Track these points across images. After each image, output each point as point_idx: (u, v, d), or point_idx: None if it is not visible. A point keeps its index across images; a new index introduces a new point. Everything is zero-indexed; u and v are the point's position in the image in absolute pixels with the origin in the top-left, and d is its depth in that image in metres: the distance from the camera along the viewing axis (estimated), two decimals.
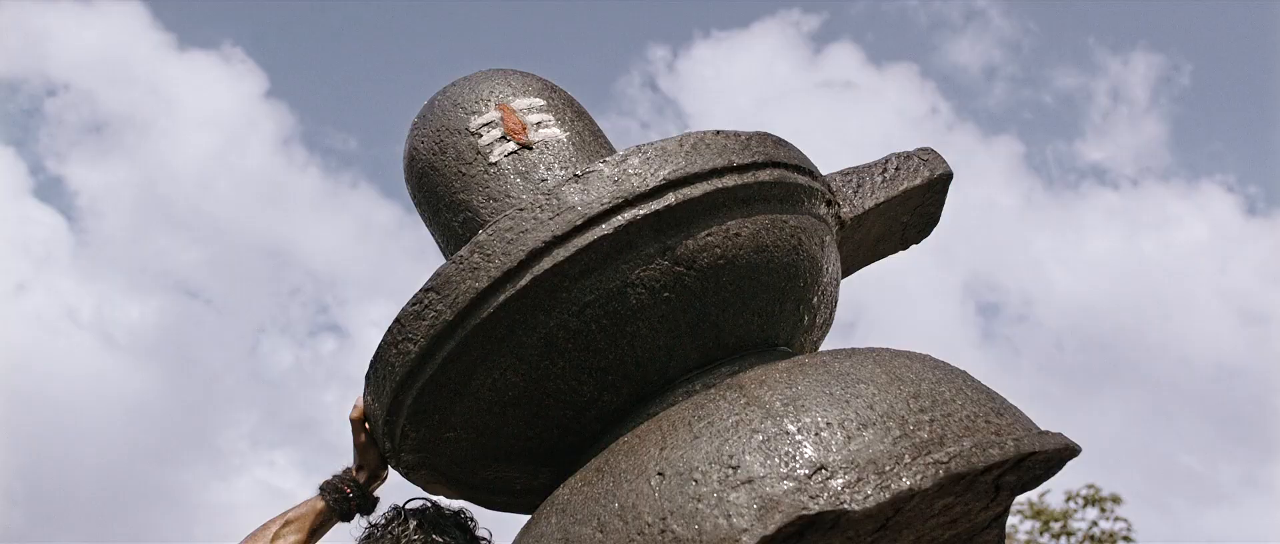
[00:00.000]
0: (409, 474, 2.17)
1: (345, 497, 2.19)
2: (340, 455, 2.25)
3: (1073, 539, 16.08)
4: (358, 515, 2.21)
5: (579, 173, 1.93)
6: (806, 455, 1.70)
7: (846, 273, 2.46)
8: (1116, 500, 16.06)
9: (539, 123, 2.27)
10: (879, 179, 2.37)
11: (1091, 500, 16.13)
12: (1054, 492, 16.61)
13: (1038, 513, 16.27)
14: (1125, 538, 15.92)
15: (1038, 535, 16.24)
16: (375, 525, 2.09)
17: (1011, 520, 16.67)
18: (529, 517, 2.01)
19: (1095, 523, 16.10)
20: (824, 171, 2.30)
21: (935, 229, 2.55)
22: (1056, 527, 16.12)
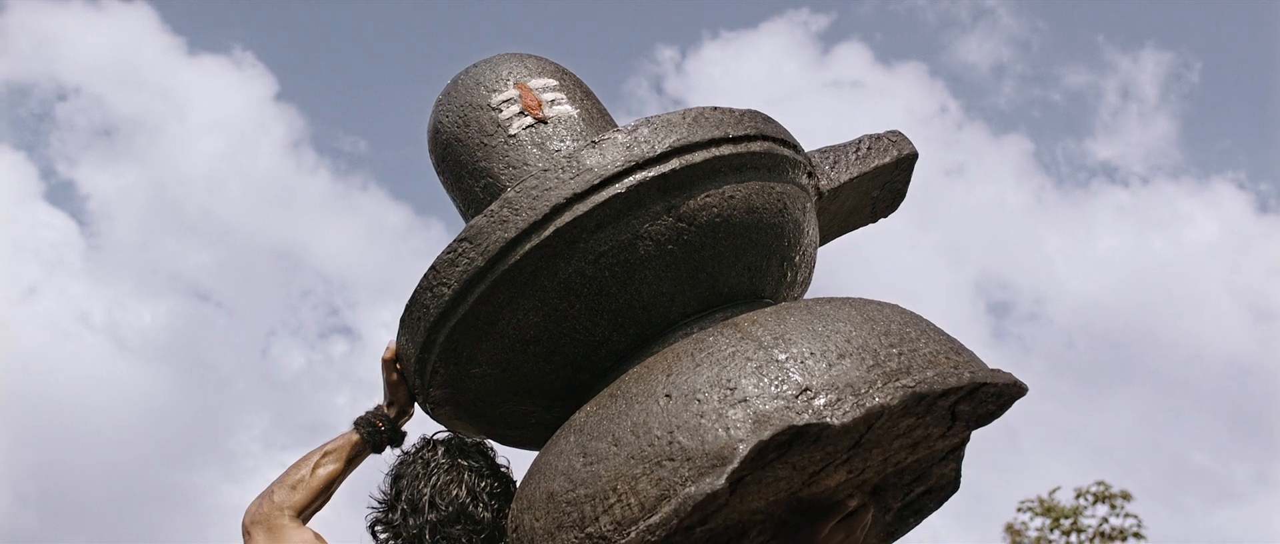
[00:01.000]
0: (435, 410, 2.44)
1: (377, 430, 2.45)
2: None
3: (1083, 536, 16.28)
4: (388, 447, 2.48)
5: (596, 140, 2.21)
6: (794, 379, 1.99)
7: (823, 241, 2.75)
8: (1126, 497, 16.27)
9: (552, 100, 2.55)
10: (853, 156, 2.67)
11: (1101, 497, 16.33)
12: (1064, 489, 16.81)
13: (1048, 510, 16.46)
14: (1136, 534, 16.14)
15: (1048, 532, 16.42)
16: (406, 453, 2.35)
17: (1022, 517, 16.76)
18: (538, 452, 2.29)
19: (1105, 520, 16.29)
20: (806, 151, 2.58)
21: (902, 205, 2.86)
22: (1067, 523, 16.29)
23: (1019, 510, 16.95)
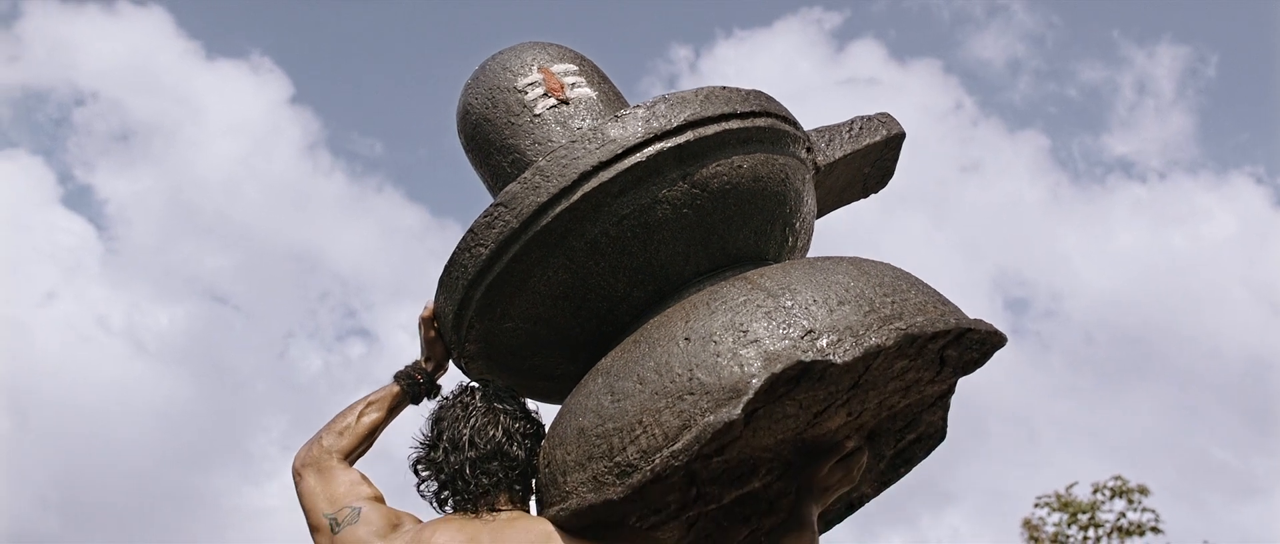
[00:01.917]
0: (469, 365, 2.67)
1: (417, 382, 2.68)
2: (370, 459, 2.67)
3: (1101, 531, 16.34)
4: (425, 398, 2.70)
5: (618, 115, 2.46)
6: (800, 323, 2.23)
7: (820, 214, 2.99)
8: (1144, 492, 16.31)
9: (573, 83, 2.80)
10: (846, 135, 2.92)
11: (1118, 492, 16.37)
12: (1081, 484, 16.85)
13: (1065, 505, 16.52)
14: (1154, 528, 16.19)
15: (1066, 527, 16.48)
16: (446, 398, 2.57)
17: (1040, 513, 16.80)
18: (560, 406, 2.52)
19: (1123, 514, 16.33)
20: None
21: (891, 182, 3.11)
22: (1084, 518, 16.35)
23: (1036, 506, 16.98)
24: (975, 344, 2.44)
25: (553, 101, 2.76)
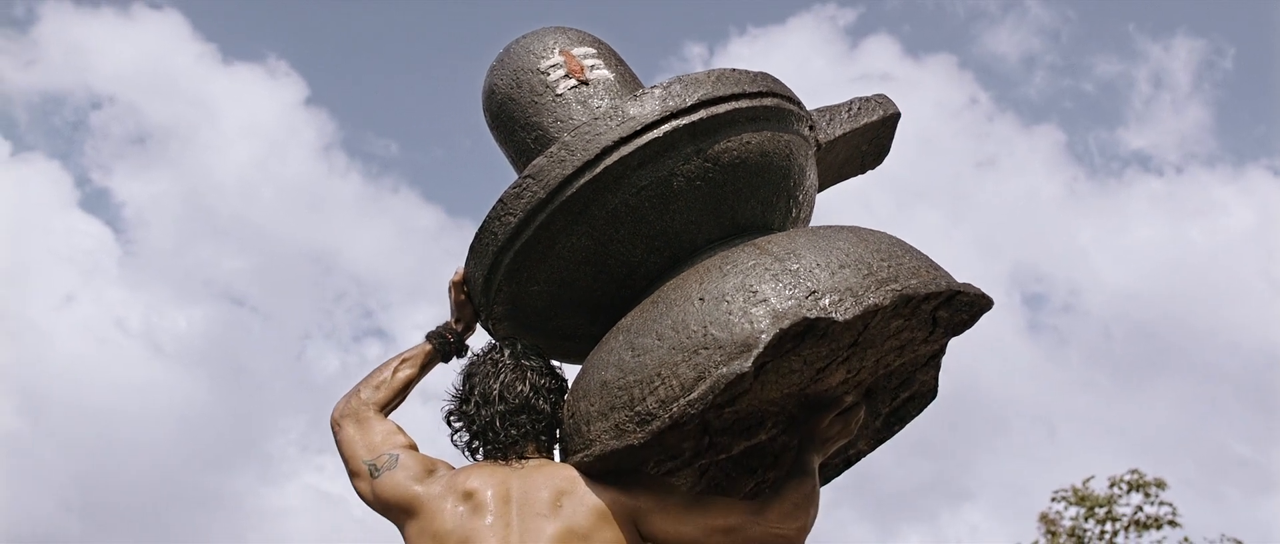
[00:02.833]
0: (495, 326, 2.88)
1: (447, 342, 2.89)
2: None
3: (1118, 525, 16.30)
4: (454, 357, 2.92)
5: (637, 94, 2.67)
6: (805, 285, 2.44)
7: (820, 188, 3.20)
8: (1161, 485, 16.22)
9: (592, 65, 3.01)
10: (845, 115, 3.13)
11: (1135, 486, 16.30)
12: (1098, 478, 16.78)
13: (1082, 499, 16.49)
14: (1171, 522, 16.12)
15: (1083, 521, 16.46)
16: (476, 354, 2.78)
17: (1056, 507, 16.73)
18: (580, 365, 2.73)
19: (1140, 508, 16.26)
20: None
21: (887, 159, 3.32)
22: (1101, 512, 16.31)
23: (1053, 500, 16.90)
24: (965, 306, 2.65)
25: (573, 82, 2.97)
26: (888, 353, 2.68)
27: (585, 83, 2.97)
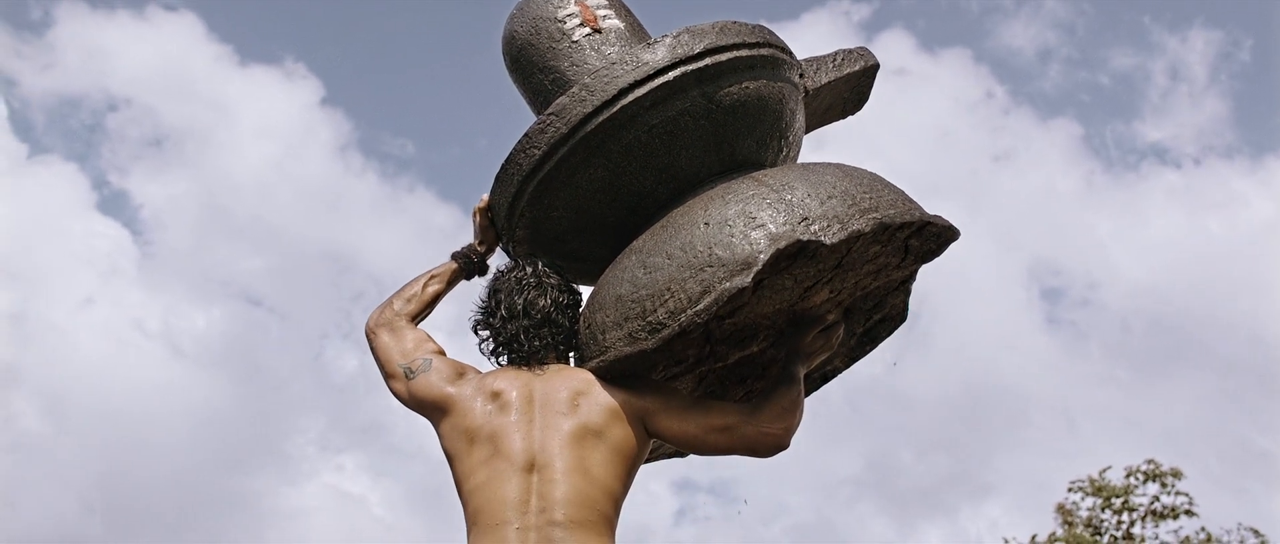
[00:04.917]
0: (516, 248, 3.21)
1: (471, 261, 3.23)
2: (407, 458, 3.24)
3: (1135, 515, 16.35)
4: (476, 276, 3.25)
5: (649, 42, 2.99)
6: (797, 212, 2.79)
7: (807, 131, 3.55)
8: (1177, 475, 16.25)
9: (605, 15, 3.32)
10: (831, 65, 3.47)
11: (1152, 476, 16.34)
12: (1115, 468, 16.80)
13: (1099, 490, 16.57)
14: (1187, 512, 16.16)
15: (1099, 512, 16.56)
16: (501, 271, 3.11)
17: (1073, 497, 16.82)
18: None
19: (1156, 498, 16.30)
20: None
21: (865, 106, 3.68)
22: (1117, 502, 16.38)
23: (1069, 490, 16.96)
24: (934, 236, 3.02)
25: (588, 30, 3.29)
26: (865, 276, 3.04)
27: (598, 31, 3.29)
